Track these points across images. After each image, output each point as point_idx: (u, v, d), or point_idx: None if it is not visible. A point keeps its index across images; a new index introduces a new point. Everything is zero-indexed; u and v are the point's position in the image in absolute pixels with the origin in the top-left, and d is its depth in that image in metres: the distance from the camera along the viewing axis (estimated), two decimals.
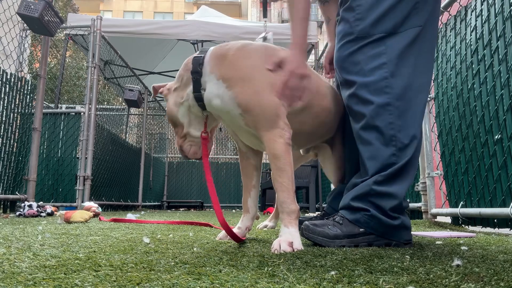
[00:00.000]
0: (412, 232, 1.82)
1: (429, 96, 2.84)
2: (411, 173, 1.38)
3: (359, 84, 1.40)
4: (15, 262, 0.89)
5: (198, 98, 1.40)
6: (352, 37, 1.42)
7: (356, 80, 1.40)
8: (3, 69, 3.53)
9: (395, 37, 1.37)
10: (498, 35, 2.08)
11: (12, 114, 3.67)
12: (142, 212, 4.88)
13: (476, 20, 2.31)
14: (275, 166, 1.30)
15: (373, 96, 1.36)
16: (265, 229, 2.14)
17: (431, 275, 0.80)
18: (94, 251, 1.10)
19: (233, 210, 7.62)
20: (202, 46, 7.04)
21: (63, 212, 2.43)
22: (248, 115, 1.32)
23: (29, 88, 3.88)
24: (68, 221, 2.33)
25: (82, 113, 4.76)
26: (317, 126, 1.56)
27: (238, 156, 1.25)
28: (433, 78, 2.82)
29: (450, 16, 2.61)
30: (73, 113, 4.98)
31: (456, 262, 0.94)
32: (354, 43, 1.42)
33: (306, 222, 1.35)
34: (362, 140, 1.41)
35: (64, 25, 4.50)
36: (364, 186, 1.37)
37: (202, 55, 1.41)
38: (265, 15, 1.99)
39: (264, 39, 1.90)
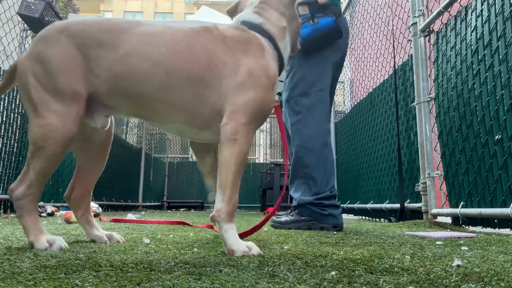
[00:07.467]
0: (412, 233, 1.93)
1: (429, 96, 2.84)
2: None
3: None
4: (16, 262, 0.89)
5: None
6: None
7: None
8: (3, 70, 3.53)
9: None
10: (499, 35, 2.08)
11: (12, 115, 3.67)
12: (143, 212, 4.88)
13: (476, 20, 2.31)
14: None
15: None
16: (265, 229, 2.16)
17: (432, 275, 0.80)
18: (95, 251, 1.10)
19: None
20: None
21: (64, 212, 2.43)
22: None
23: None
24: (68, 221, 2.33)
25: None
26: None
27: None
28: (433, 78, 2.82)
29: (450, 16, 2.61)
30: None
31: (457, 262, 0.94)
32: None
33: (273, 218, 2.31)
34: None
35: None
36: (307, 199, 2.22)
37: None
38: None
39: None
